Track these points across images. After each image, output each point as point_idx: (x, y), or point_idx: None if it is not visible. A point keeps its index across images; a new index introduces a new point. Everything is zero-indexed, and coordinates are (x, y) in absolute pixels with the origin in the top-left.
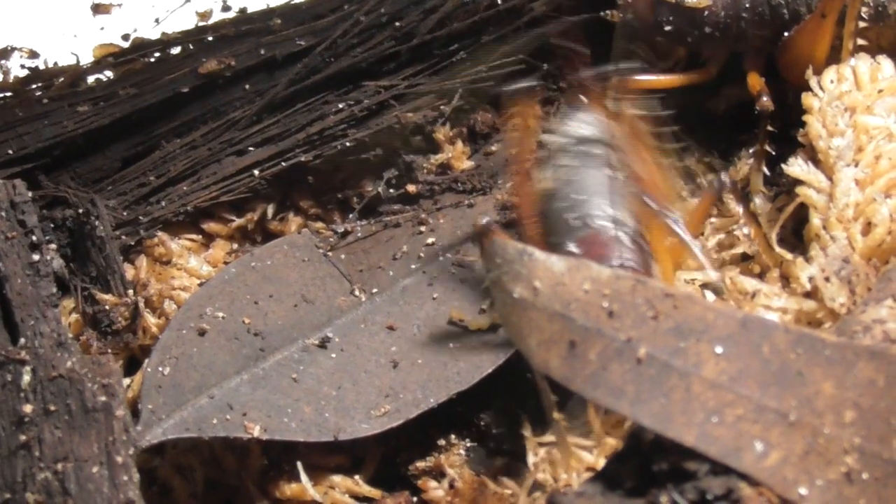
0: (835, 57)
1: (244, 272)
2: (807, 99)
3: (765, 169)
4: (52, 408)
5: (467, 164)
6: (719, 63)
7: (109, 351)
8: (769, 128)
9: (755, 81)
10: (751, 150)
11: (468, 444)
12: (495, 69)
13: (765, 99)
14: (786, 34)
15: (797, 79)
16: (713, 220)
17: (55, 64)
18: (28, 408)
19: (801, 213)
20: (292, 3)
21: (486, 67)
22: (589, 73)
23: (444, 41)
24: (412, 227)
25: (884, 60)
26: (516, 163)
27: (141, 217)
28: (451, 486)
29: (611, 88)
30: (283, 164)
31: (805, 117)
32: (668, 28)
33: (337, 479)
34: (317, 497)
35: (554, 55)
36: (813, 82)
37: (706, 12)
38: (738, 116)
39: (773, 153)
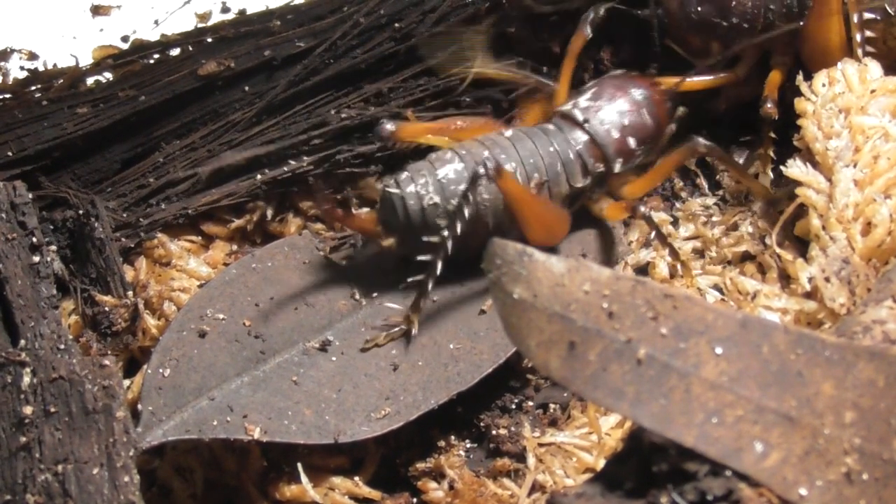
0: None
1: (245, 274)
2: (800, 103)
3: (769, 171)
4: (53, 409)
5: None
6: (749, 62)
7: (109, 352)
8: (772, 134)
9: (774, 81)
10: (755, 154)
11: (468, 445)
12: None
13: (769, 105)
14: (800, 24)
15: (819, 69)
16: (715, 217)
17: (54, 66)
18: (28, 409)
19: (801, 214)
20: (292, 4)
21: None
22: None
23: (444, 41)
24: None
25: (870, 62)
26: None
27: (140, 218)
28: (451, 487)
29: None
30: (283, 165)
31: (800, 121)
32: (696, 19)
33: (337, 480)
34: (317, 498)
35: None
36: (804, 87)
37: (734, 2)
38: (738, 116)
39: (773, 156)
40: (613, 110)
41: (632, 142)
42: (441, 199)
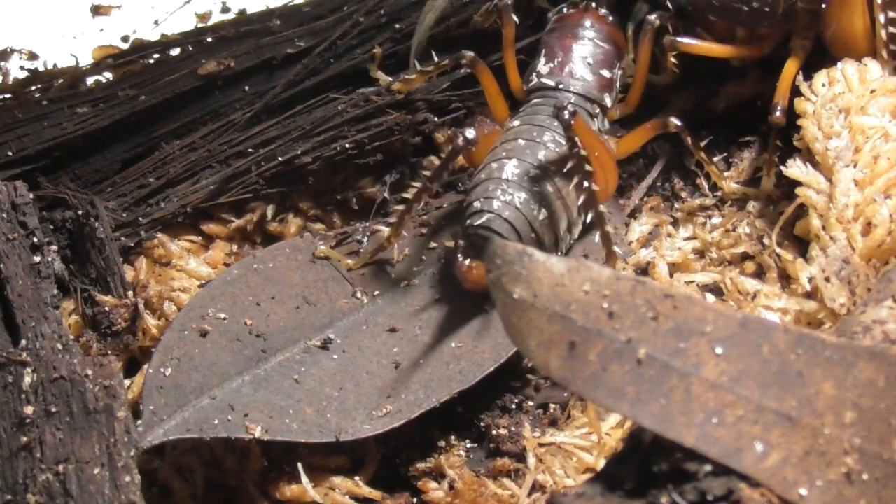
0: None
1: (246, 274)
2: (800, 104)
3: (773, 176)
4: (54, 409)
5: None
6: (773, 43)
7: (109, 352)
8: (778, 142)
9: (788, 75)
10: (757, 157)
11: (468, 445)
12: None
13: (778, 113)
14: (823, 6)
15: (843, 54)
16: (714, 219)
17: (55, 66)
18: (29, 409)
19: (801, 214)
20: (292, 4)
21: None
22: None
23: (443, 42)
24: (414, 228)
25: (870, 62)
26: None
27: (140, 218)
28: (451, 487)
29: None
30: (283, 165)
31: (800, 121)
32: (718, 4)
33: (337, 480)
34: (317, 498)
35: None
36: (804, 87)
37: None
38: (738, 116)
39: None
40: (574, 58)
41: (605, 73)
42: (527, 193)
